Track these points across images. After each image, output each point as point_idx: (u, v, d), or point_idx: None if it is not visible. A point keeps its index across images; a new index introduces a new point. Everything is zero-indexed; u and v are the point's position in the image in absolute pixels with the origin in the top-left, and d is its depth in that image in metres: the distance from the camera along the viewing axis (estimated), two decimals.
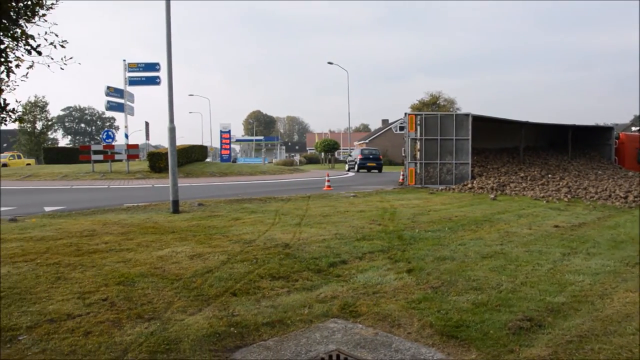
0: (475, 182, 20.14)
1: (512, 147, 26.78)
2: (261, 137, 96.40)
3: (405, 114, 22.21)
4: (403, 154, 22.59)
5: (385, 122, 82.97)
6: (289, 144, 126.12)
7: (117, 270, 6.36)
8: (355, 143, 78.79)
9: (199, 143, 51.46)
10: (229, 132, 63.79)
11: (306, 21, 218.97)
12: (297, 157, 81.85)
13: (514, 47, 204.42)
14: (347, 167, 45.06)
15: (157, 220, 10.87)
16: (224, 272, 6.17)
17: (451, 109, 71.57)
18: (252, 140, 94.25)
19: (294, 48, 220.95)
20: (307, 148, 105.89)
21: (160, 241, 8.28)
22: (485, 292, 5.45)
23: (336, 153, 69.08)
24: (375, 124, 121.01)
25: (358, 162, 40.52)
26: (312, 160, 76.86)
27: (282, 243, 7.93)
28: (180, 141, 42.07)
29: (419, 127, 21.63)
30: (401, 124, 63.36)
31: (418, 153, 21.76)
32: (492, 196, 16.20)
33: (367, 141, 73.31)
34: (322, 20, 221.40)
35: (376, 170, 40.06)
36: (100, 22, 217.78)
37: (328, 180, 21.39)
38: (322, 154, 67.31)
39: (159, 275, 6.13)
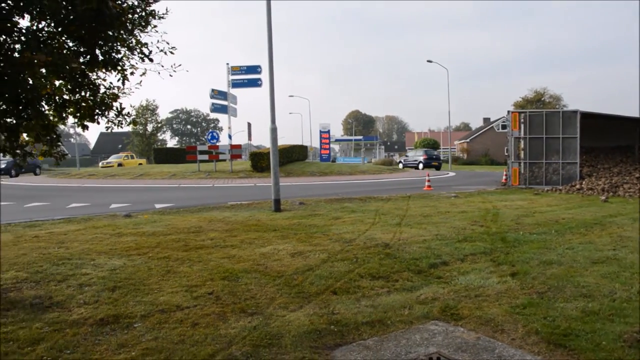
0: (584, 182, 19.09)
1: (625, 145, 25.11)
2: (360, 137, 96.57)
3: (508, 112, 21.43)
4: (506, 153, 21.81)
5: (486, 120, 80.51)
6: (388, 143, 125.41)
7: (222, 265, 6.61)
8: (456, 142, 77.08)
9: (299, 143, 52.36)
10: (328, 132, 64.36)
11: (405, 19, 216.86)
12: (396, 157, 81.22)
13: (625, 38, 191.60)
14: (401, 165, 50.64)
15: (259, 218, 11.17)
16: (324, 271, 6.24)
17: (557, 106, 68.34)
18: (351, 140, 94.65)
19: (393, 47, 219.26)
20: (406, 147, 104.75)
21: (262, 239, 8.51)
22: (596, 300, 5.14)
23: (436, 152, 67.90)
24: (476, 123, 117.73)
25: (423, 161, 46.86)
26: None
27: (382, 243, 7.90)
28: (281, 141, 43.06)
29: (522, 126, 20.79)
30: (503, 122, 61.24)
31: (522, 152, 20.91)
32: (603, 198, 15.29)
33: (467, 140, 71.49)
34: (421, 18, 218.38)
35: (434, 169, 45.84)
36: (204, 28, 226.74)
37: (428, 180, 21.07)
38: None
39: (262, 271, 6.30)
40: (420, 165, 46.67)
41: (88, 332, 4.39)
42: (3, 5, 4.88)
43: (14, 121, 5.11)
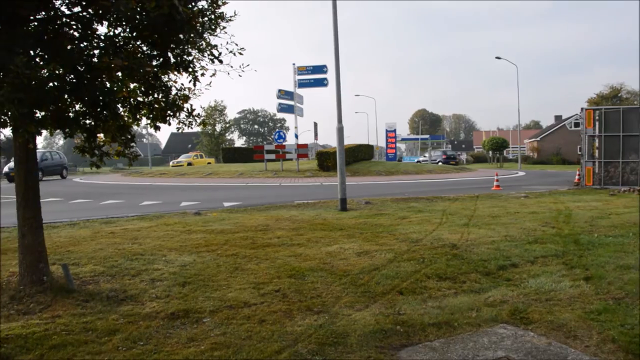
0: None
1: None
2: (427, 136, 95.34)
3: (582, 109, 20.61)
4: (579, 152, 20.99)
5: (558, 118, 77.76)
6: (455, 142, 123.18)
7: (289, 263, 6.69)
8: (526, 141, 74.84)
9: (365, 142, 52.23)
10: (394, 131, 63.85)
11: (471, 16, 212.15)
12: (463, 156, 79.72)
13: None
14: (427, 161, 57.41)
15: (325, 217, 11.23)
16: (390, 270, 6.21)
17: (635, 102, 65.16)
18: (417, 139, 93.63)
19: (460, 44, 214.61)
20: (474, 146, 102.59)
21: (328, 237, 8.55)
22: None
23: (505, 151, 66.17)
24: (547, 121, 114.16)
25: (442, 160, 56.30)
26: (479, 159, 74.35)
27: (449, 243, 7.79)
28: (347, 140, 43.06)
29: (597, 123, 19.91)
30: (576, 120, 59.09)
31: (596, 151, 20.04)
32: None
33: (538, 139, 69.23)
34: (488, 14, 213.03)
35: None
36: (270, 28, 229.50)
37: (497, 180, 20.59)
38: (490, 152, 64.85)
39: (328, 270, 6.33)
40: (440, 163, 54.39)
41: (160, 325, 4.54)
42: (84, 14, 5.11)
43: (92, 122, 5.34)
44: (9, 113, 4.61)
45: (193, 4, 5.48)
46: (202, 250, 7.68)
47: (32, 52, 4.87)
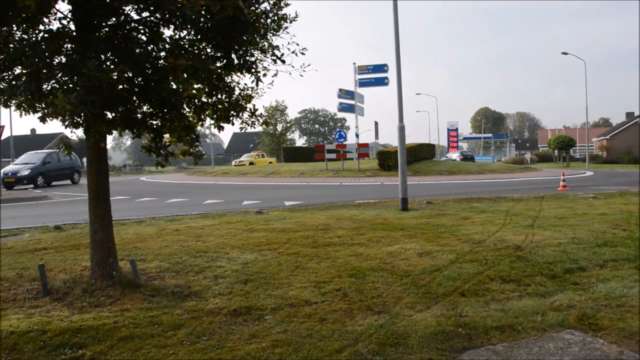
0: None
1: None
2: (489, 135, 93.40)
3: None
4: None
5: (629, 115, 74.56)
6: (519, 141, 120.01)
7: (349, 263, 6.70)
8: (594, 139, 72.17)
9: (426, 141, 51.68)
10: (456, 130, 63.05)
11: (535, 11, 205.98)
12: (527, 155, 77.61)
13: None
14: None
15: (386, 217, 11.18)
16: (452, 272, 6.12)
17: None
18: (480, 138, 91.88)
19: (523, 40, 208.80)
20: (539, 145, 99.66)
21: (389, 237, 8.51)
22: None
23: (571, 150, 64.00)
24: (617, 118, 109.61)
25: (459, 160, 56.13)
26: (544, 159, 72.16)
27: (513, 245, 7.60)
28: (408, 140, 42.70)
29: None
30: None
31: None
32: None
33: (607, 137, 66.60)
34: (553, 8, 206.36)
35: None
36: (330, 28, 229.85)
37: (563, 180, 19.94)
38: (556, 151, 62.83)
39: (389, 270, 6.30)
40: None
41: (222, 322, 4.64)
42: (152, 18, 5.29)
43: (159, 123, 5.52)
44: (82, 114, 4.81)
45: (256, 5, 5.57)
46: (263, 248, 7.79)
47: (103, 56, 5.06)
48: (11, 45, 4.76)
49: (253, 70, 5.85)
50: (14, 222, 12.89)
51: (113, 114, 5.27)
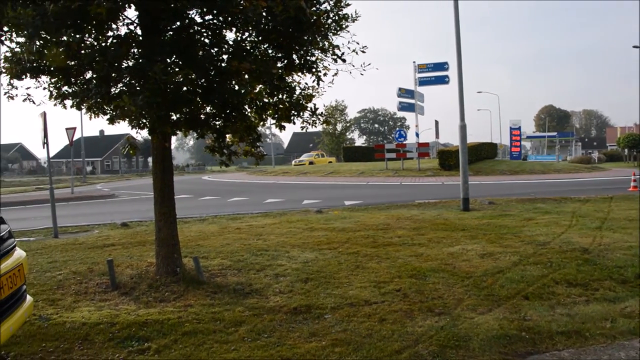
0: None
1: None
2: (554, 133, 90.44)
3: None
4: None
5: None
6: (586, 139, 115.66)
7: (410, 263, 6.65)
8: None
9: (487, 140, 50.61)
10: (519, 128, 61.37)
11: (602, 3, 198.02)
12: (595, 154, 74.79)
13: None
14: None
15: (447, 217, 11.03)
16: (515, 274, 5.97)
17: None
18: (544, 137, 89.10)
19: (590, 34, 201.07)
20: (607, 144, 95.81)
21: (450, 238, 8.39)
22: None
23: None
24: None
25: None
26: (613, 158, 69.23)
27: (580, 247, 7.34)
28: (469, 139, 41.93)
29: None
30: None
31: None
32: None
33: None
34: (622, 0, 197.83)
35: None
36: (388, 26, 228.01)
37: (634, 180, 19.10)
38: (626, 150, 60.23)
39: (449, 271, 6.22)
40: None
41: (283, 319, 4.69)
42: (215, 21, 5.40)
43: (222, 124, 5.63)
44: (147, 116, 4.97)
45: (318, 6, 5.60)
46: (323, 247, 7.83)
47: (168, 60, 5.21)
48: (83, 51, 4.97)
49: (314, 70, 5.89)
50: (85, 219, 13.47)
51: (177, 115, 5.42)
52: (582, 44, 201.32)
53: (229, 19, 5.30)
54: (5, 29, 5.03)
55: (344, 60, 5.91)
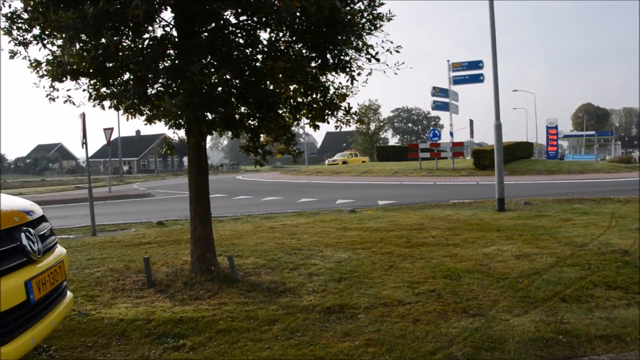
0: None
1: None
2: (592, 132, 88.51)
3: None
4: None
5: None
6: (626, 138, 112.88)
7: (444, 263, 6.59)
8: None
9: (523, 140, 49.85)
10: (555, 127, 60.19)
11: None
12: (636, 154, 72.94)
13: None
14: None
15: (482, 218, 10.90)
16: (552, 275, 5.87)
17: None
18: (581, 136, 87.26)
19: (630, 30, 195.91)
20: None
21: (485, 238, 8.29)
22: None
23: None
24: None
25: None
26: None
27: (619, 249, 7.17)
28: (505, 138, 41.36)
29: None
30: None
31: None
32: None
33: None
34: None
35: None
36: (422, 25, 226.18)
37: None
38: None
39: (484, 272, 6.14)
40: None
41: (316, 319, 4.70)
42: (249, 21, 5.45)
43: (256, 123, 5.68)
44: (184, 116, 5.04)
45: (352, 5, 5.60)
46: (357, 247, 7.82)
47: (203, 60, 5.28)
48: (121, 53, 5.06)
49: (347, 69, 5.90)
50: (122, 218, 13.73)
51: (213, 115, 5.48)
52: (621, 40, 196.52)
53: (263, 19, 5.34)
54: (47, 32, 5.17)
55: (378, 60, 5.90)
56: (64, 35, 4.97)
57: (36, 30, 5.30)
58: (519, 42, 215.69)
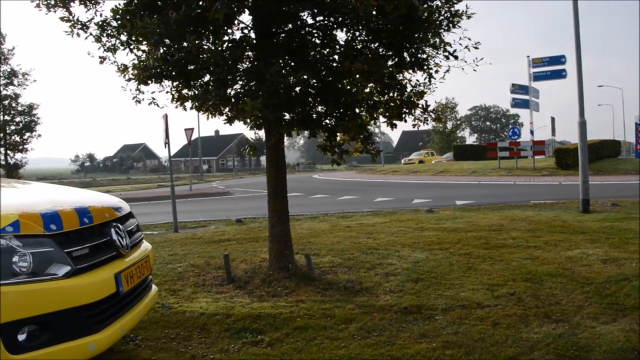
0: None
1: None
2: None
3: None
4: None
5: None
6: None
7: (524, 266, 6.39)
8: None
9: (609, 138, 47.56)
10: None
11: None
12: None
13: None
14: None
15: (565, 219, 10.48)
16: None
17: None
18: None
19: None
20: None
21: (568, 241, 7.97)
22: None
23: None
24: None
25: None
26: None
27: None
28: (589, 136, 39.63)
29: None
30: None
31: None
32: None
33: None
34: None
35: None
36: (499, 21, 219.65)
37: None
38: None
39: (568, 276, 5.91)
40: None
41: (393, 319, 4.68)
42: (325, 22, 5.49)
43: (333, 122, 5.71)
44: (264, 117, 5.14)
45: (429, 2, 5.53)
46: (434, 247, 7.71)
47: (281, 62, 5.36)
48: (202, 56, 5.22)
49: (425, 67, 5.83)
50: (202, 215, 14.17)
51: (291, 115, 5.56)
52: None
53: (340, 19, 5.37)
54: (134, 38, 5.41)
55: (455, 57, 5.79)
56: (149, 41, 5.18)
57: (123, 37, 5.56)
58: (601, 34, 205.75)
